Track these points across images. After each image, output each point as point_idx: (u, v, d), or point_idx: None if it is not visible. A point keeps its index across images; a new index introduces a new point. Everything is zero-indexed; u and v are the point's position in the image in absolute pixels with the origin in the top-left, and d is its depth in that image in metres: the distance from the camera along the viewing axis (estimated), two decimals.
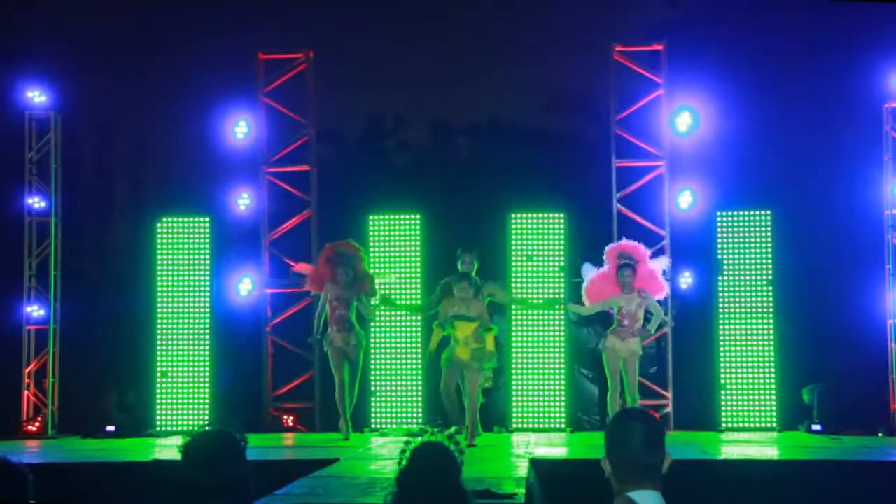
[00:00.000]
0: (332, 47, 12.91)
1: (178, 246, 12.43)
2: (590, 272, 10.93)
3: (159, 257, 12.40)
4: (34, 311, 12.63)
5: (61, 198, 12.78)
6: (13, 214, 12.72)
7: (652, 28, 12.99)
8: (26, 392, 12.52)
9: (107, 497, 8.49)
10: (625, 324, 10.52)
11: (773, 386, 11.86)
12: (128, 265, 13.11)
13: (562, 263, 12.11)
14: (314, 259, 11.65)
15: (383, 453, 9.68)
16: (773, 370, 11.88)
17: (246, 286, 12.49)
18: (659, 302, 10.83)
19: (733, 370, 11.92)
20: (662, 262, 10.95)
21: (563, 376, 11.98)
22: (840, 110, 12.03)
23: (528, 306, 11.92)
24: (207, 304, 12.36)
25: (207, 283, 12.40)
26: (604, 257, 10.81)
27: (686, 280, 12.26)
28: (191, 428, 11.73)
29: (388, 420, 12.00)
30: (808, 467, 8.95)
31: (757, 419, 11.85)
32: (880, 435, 11.40)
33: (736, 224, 12.12)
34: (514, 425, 11.88)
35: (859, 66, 11.82)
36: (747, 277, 12.05)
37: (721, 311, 11.96)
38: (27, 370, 12.55)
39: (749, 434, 11.52)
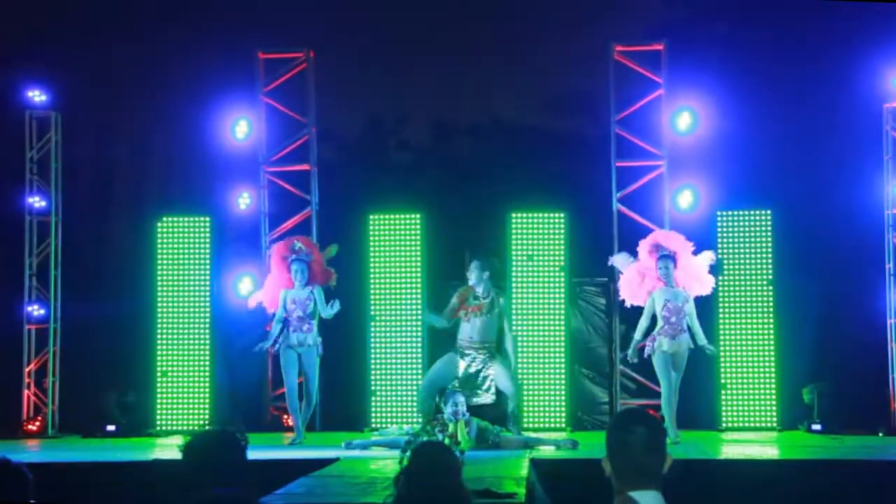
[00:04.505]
0: (332, 47, 12.92)
1: (178, 246, 12.42)
2: (625, 262, 10.88)
3: (159, 257, 12.39)
4: (34, 310, 12.63)
5: (61, 198, 12.78)
6: (13, 214, 12.71)
7: (652, 28, 13.00)
8: (26, 392, 12.51)
9: (107, 497, 8.50)
10: (672, 320, 10.43)
11: (773, 386, 11.85)
12: (128, 265, 13.11)
13: (562, 263, 12.10)
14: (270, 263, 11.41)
15: (383, 453, 9.68)
16: (773, 370, 11.87)
17: (246, 286, 12.48)
18: None
19: (733, 370, 11.91)
20: (707, 257, 10.85)
21: (563, 376, 11.98)
22: (840, 110, 12.03)
23: None
24: (207, 304, 12.36)
25: (207, 283, 12.40)
26: (638, 250, 10.78)
27: None
28: (191, 428, 11.74)
29: (389, 420, 11.99)
30: (808, 467, 8.95)
31: (757, 419, 11.84)
32: (880, 435, 11.40)
33: (736, 224, 12.11)
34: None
35: (859, 66, 11.82)
36: (747, 277, 12.04)
37: (721, 311, 11.95)
38: (27, 370, 12.55)
39: (749, 434, 11.51)
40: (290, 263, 10.85)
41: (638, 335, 10.63)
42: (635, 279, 10.70)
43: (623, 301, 11.11)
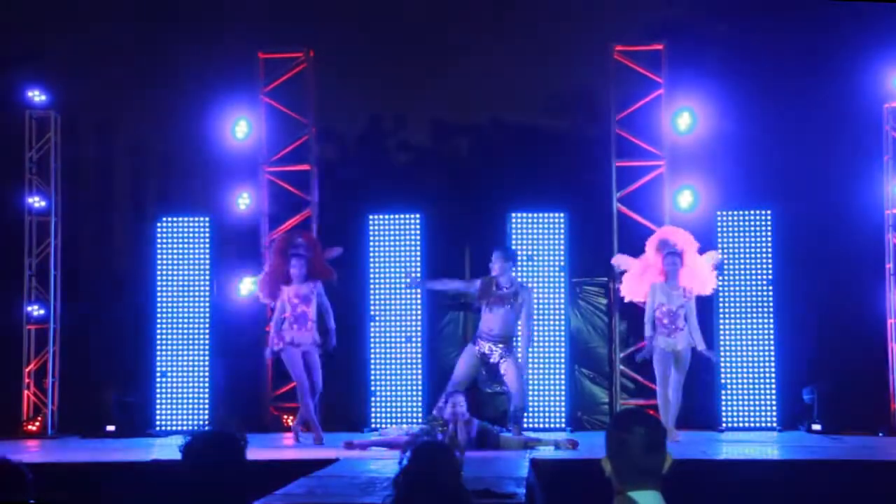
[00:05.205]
0: (332, 47, 12.91)
1: (178, 246, 12.43)
2: (628, 261, 10.93)
3: (159, 257, 12.40)
4: (34, 310, 12.63)
5: (61, 198, 12.78)
6: (13, 214, 12.72)
7: (652, 28, 12.99)
8: (26, 392, 12.51)
9: (107, 497, 8.50)
10: (665, 322, 10.46)
11: (773, 386, 11.86)
12: (128, 265, 13.12)
13: (562, 263, 12.11)
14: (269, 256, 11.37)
15: (383, 453, 9.68)
16: (773, 370, 11.88)
17: (246, 286, 12.48)
18: None
19: (733, 370, 11.92)
20: (712, 257, 10.88)
21: (563, 376, 11.98)
22: (840, 110, 12.01)
23: None
24: (207, 304, 12.36)
25: (207, 284, 12.40)
26: (646, 249, 10.82)
27: None
28: (190, 428, 11.74)
29: (389, 420, 11.99)
30: (808, 467, 8.94)
31: (757, 419, 11.85)
32: (880, 435, 11.40)
33: (736, 224, 12.12)
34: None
35: (859, 66, 11.82)
36: (747, 277, 12.05)
37: (721, 310, 11.96)
38: (27, 370, 12.55)
39: (749, 434, 11.51)
40: (290, 258, 10.82)
41: (648, 330, 10.63)
42: (637, 276, 10.76)
43: (623, 298, 11.17)
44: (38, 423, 12.41)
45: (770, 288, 11.99)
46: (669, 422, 10.30)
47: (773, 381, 11.86)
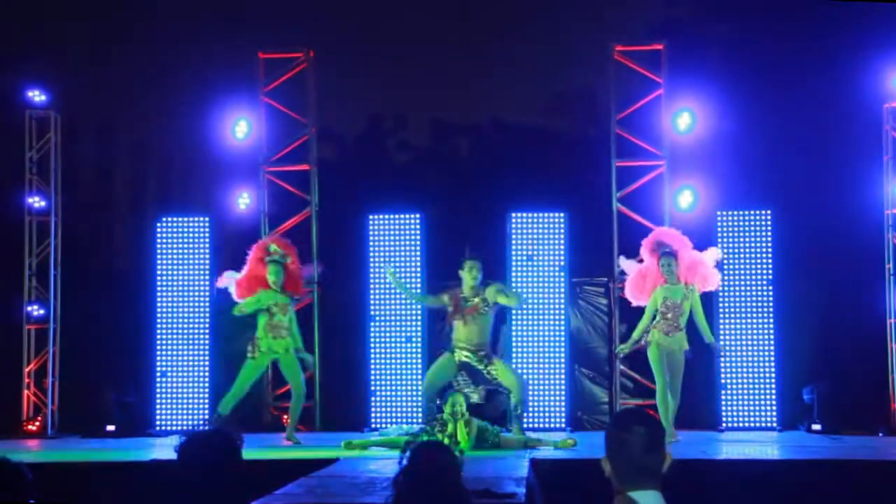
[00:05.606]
0: (332, 47, 12.92)
1: (178, 246, 12.43)
2: (630, 265, 10.93)
3: (159, 257, 12.40)
4: (34, 310, 12.64)
5: (61, 198, 12.78)
6: (13, 214, 12.72)
7: (652, 28, 13.01)
8: (26, 392, 12.52)
9: (106, 497, 8.49)
10: (668, 316, 10.41)
11: (773, 386, 11.86)
12: (128, 265, 13.12)
13: (562, 263, 12.10)
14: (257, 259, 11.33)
15: (383, 453, 9.68)
16: (773, 370, 11.88)
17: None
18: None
19: (733, 370, 11.92)
20: (713, 254, 10.88)
21: (563, 376, 11.98)
22: (840, 110, 12.02)
23: None
24: (207, 304, 12.36)
25: (207, 283, 12.39)
26: (641, 252, 10.81)
27: None
28: (189, 427, 11.73)
29: (389, 420, 11.99)
30: (808, 467, 8.94)
31: (757, 419, 11.85)
32: (880, 435, 11.40)
33: (736, 224, 12.12)
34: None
35: (859, 66, 11.82)
36: (747, 277, 12.04)
37: (721, 310, 11.95)
38: (27, 370, 12.55)
39: (749, 434, 11.51)
40: (267, 265, 10.83)
41: (636, 334, 10.61)
42: (639, 280, 10.74)
43: (623, 299, 11.17)
44: (38, 423, 12.41)
45: (770, 288, 11.98)
46: (668, 422, 10.28)
47: (773, 381, 11.86)
